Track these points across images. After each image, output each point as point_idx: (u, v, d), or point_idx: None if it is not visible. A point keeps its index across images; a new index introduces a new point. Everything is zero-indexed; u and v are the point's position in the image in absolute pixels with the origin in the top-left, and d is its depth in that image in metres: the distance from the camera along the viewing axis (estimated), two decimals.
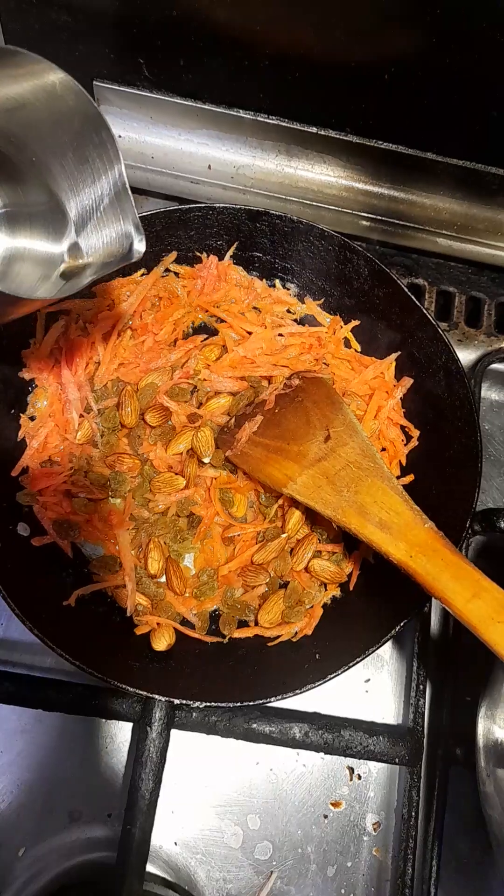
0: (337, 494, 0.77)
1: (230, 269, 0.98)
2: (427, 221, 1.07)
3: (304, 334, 0.96)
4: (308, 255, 0.95)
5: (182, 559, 0.86)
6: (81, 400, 0.88)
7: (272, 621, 0.83)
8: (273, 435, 0.85)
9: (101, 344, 0.90)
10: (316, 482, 0.79)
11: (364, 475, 0.77)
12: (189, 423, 0.88)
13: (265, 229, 0.94)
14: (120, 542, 0.83)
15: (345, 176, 1.05)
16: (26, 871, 0.79)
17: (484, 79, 0.89)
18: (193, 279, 0.96)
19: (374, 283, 0.93)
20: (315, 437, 0.83)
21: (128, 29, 0.91)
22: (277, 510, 0.88)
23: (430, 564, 0.68)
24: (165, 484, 0.85)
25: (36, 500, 0.83)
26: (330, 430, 0.82)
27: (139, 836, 0.75)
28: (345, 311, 0.97)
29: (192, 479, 0.86)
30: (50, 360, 0.88)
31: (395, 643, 0.92)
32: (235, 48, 0.91)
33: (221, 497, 0.87)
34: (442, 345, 0.88)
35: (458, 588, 0.65)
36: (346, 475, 0.78)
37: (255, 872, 0.82)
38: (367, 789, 0.86)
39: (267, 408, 0.88)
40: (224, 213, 0.92)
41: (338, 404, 0.85)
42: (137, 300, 0.92)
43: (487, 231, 1.07)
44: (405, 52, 0.88)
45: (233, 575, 0.85)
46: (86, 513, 0.84)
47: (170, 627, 0.81)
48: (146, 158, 1.04)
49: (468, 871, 0.84)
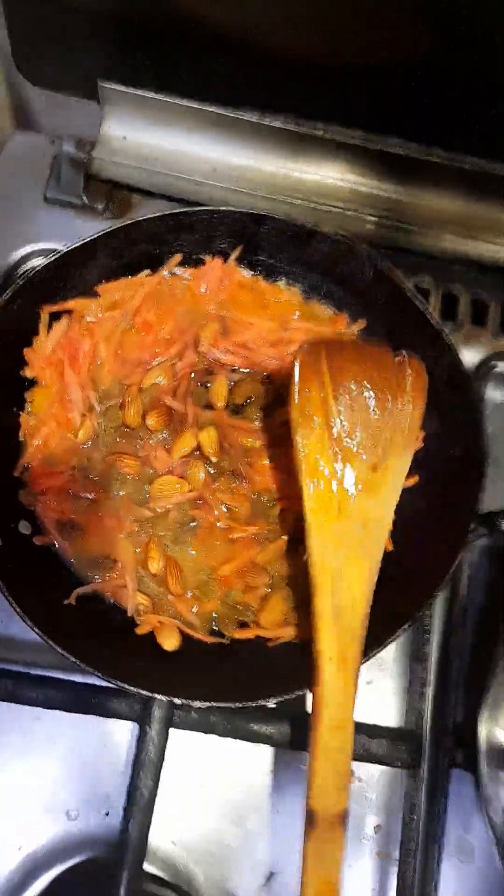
0: (336, 543, 0.70)
1: (234, 271, 0.98)
2: (432, 222, 1.07)
3: (311, 330, 0.95)
4: (312, 258, 0.95)
5: (182, 559, 0.85)
6: (84, 399, 0.87)
7: (274, 622, 0.83)
8: (347, 415, 0.72)
9: (104, 343, 0.90)
10: (326, 504, 0.70)
11: (361, 549, 0.71)
12: (194, 424, 0.88)
13: (269, 232, 0.94)
14: (120, 542, 0.83)
15: (349, 177, 1.05)
16: (23, 869, 0.79)
17: (491, 77, 0.89)
18: (198, 281, 0.96)
19: (378, 285, 0.93)
20: (369, 455, 0.71)
21: (133, 30, 0.92)
22: (279, 511, 0.87)
23: (335, 679, 0.67)
24: (166, 487, 0.85)
25: (38, 500, 0.83)
26: (380, 465, 0.72)
27: (137, 835, 0.75)
28: (350, 312, 0.97)
29: (198, 483, 0.85)
30: (52, 359, 0.88)
31: (396, 645, 0.91)
32: (239, 49, 0.91)
33: (223, 500, 0.86)
34: (444, 346, 0.88)
35: (335, 712, 0.66)
36: (351, 535, 0.70)
37: (254, 873, 0.81)
38: (368, 792, 0.86)
39: None
40: (228, 217, 0.92)
41: (411, 440, 0.75)
42: (140, 299, 0.92)
43: (493, 231, 1.07)
44: (410, 50, 0.88)
45: (233, 576, 0.85)
46: (87, 513, 0.84)
47: (175, 626, 0.81)
48: (151, 160, 1.04)
49: (470, 874, 0.83)
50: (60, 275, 0.87)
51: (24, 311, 0.85)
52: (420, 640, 0.87)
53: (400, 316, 0.92)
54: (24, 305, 0.84)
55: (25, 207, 1.05)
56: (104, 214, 1.07)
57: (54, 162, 1.07)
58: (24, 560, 0.80)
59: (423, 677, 0.86)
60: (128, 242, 0.89)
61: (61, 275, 0.87)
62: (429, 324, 0.89)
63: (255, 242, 0.95)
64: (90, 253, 0.87)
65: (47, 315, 0.88)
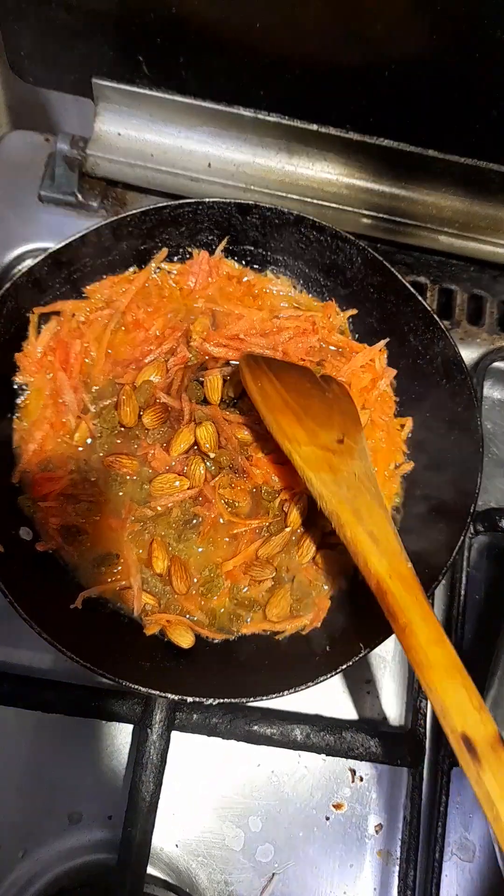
0: (336, 485, 0.76)
1: (222, 263, 0.97)
2: (429, 219, 1.06)
3: (300, 318, 0.96)
4: (300, 247, 0.95)
5: (187, 557, 0.85)
6: (78, 402, 0.87)
7: (280, 615, 0.83)
8: (296, 399, 0.83)
9: (95, 343, 0.89)
10: (318, 462, 0.78)
11: (364, 490, 0.76)
12: (190, 420, 0.87)
13: (256, 222, 0.93)
14: (123, 544, 0.83)
15: (345, 173, 1.05)
16: (27, 872, 0.79)
17: (485, 76, 0.89)
18: (186, 275, 0.96)
19: (368, 272, 0.93)
20: (332, 429, 0.82)
21: (127, 27, 0.91)
22: (280, 504, 0.87)
23: (406, 595, 0.66)
24: (166, 485, 0.85)
25: (38, 506, 0.83)
26: (345, 439, 0.81)
27: (140, 837, 0.75)
28: (339, 301, 0.97)
29: (198, 480, 0.85)
30: (43, 362, 0.88)
31: (395, 644, 0.91)
32: (235, 45, 0.91)
33: (224, 496, 0.86)
34: (439, 331, 0.88)
35: (424, 628, 0.64)
36: (349, 479, 0.77)
37: (256, 874, 0.82)
38: (370, 791, 0.86)
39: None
40: (214, 208, 0.92)
41: (359, 424, 0.85)
42: (129, 298, 0.91)
43: (489, 229, 1.06)
44: (406, 48, 0.87)
45: (238, 571, 0.84)
46: (88, 516, 0.83)
47: (187, 624, 0.81)
48: (146, 156, 1.03)
49: (471, 872, 0.84)
50: (47, 276, 0.86)
51: (12, 315, 0.84)
52: None
53: (391, 303, 0.92)
54: (13, 309, 0.84)
55: (20, 207, 1.04)
56: (99, 212, 1.06)
57: (49, 160, 1.06)
58: (27, 566, 0.79)
59: None
60: (114, 239, 0.89)
61: (48, 276, 0.86)
62: (421, 309, 0.89)
63: (242, 232, 0.95)
64: (75, 252, 0.86)
65: (37, 318, 0.88)
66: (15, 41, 0.93)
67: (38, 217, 1.04)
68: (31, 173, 1.05)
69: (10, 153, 1.07)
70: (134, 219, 0.88)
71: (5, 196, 1.04)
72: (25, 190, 1.04)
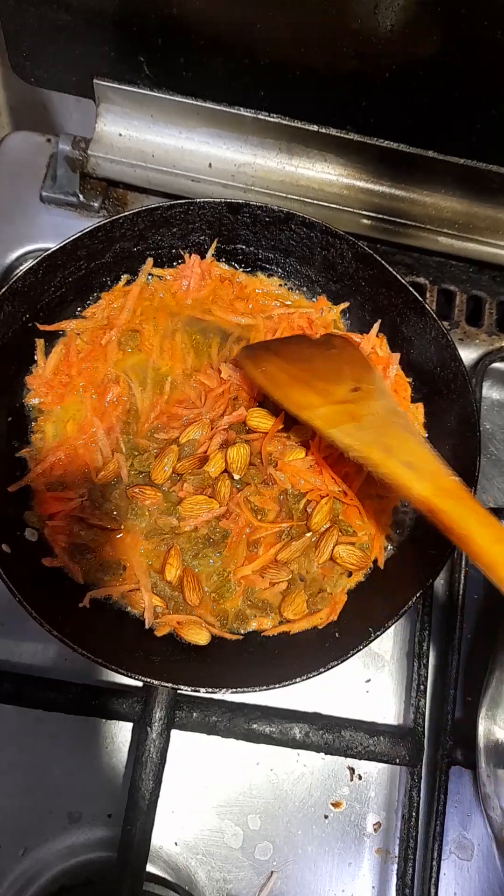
0: (360, 430, 0.76)
1: (213, 266, 0.98)
2: (428, 220, 1.07)
3: (294, 315, 0.96)
4: (291, 244, 0.95)
5: (200, 571, 0.84)
6: (111, 443, 0.86)
7: (298, 612, 0.83)
8: (300, 368, 0.84)
9: (104, 361, 0.90)
10: (339, 417, 0.78)
11: (392, 424, 0.77)
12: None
13: (247, 221, 0.94)
14: (134, 564, 0.83)
15: (345, 174, 1.05)
16: (27, 871, 0.79)
17: (485, 76, 0.89)
18: (178, 280, 0.96)
19: (359, 266, 0.93)
20: (344, 382, 0.82)
21: (128, 28, 0.91)
22: (304, 505, 0.86)
23: (456, 506, 0.66)
24: (195, 507, 0.84)
25: (44, 523, 0.82)
26: (361, 385, 0.82)
27: (139, 836, 0.75)
28: (331, 296, 0.98)
29: (226, 499, 0.84)
30: (54, 383, 0.88)
31: (395, 644, 0.92)
32: (236, 46, 0.91)
33: (252, 502, 0.85)
34: (431, 321, 0.89)
35: (483, 532, 0.64)
36: (373, 420, 0.77)
37: (255, 873, 0.82)
38: (368, 790, 0.86)
39: None
40: (206, 208, 0.92)
41: (369, 367, 0.86)
42: (129, 313, 0.92)
43: (489, 230, 1.07)
44: (406, 49, 0.88)
45: (256, 575, 0.84)
46: (97, 542, 0.83)
47: (200, 623, 0.81)
48: (146, 157, 1.03)
49: (469, 871, 0.84)
50: (43, 279, 0.86)
51: (11, 319, 0.84)
52: (419, 638, 0.87)
53: (383, 295, 0.93)
54: (11, 313, 0.84)
55: (22, 207, 1.04)
56: (100, 213, 1.07)
57: (50, 161, 1.06)
58: (35, 567, 0.80)
59: (423, 675, 0.86)
60: (108, 241, 0.89)
61: (44, 279, 0.86)
62: (413, 300, 0.90)
63: (234, 232, 0.95)
64: (70, 255, 0.86)
65: (42, 342, 0.88)
66: (16, 42, 0.94)
67: (40, 217, 1.05)
68: (33, 174, 1.06)
69: (11, 154, 1.07)
70: (127, 220, 0.88)
71: (7, 197, 1.05)
72: (27, 190, 1.05)
